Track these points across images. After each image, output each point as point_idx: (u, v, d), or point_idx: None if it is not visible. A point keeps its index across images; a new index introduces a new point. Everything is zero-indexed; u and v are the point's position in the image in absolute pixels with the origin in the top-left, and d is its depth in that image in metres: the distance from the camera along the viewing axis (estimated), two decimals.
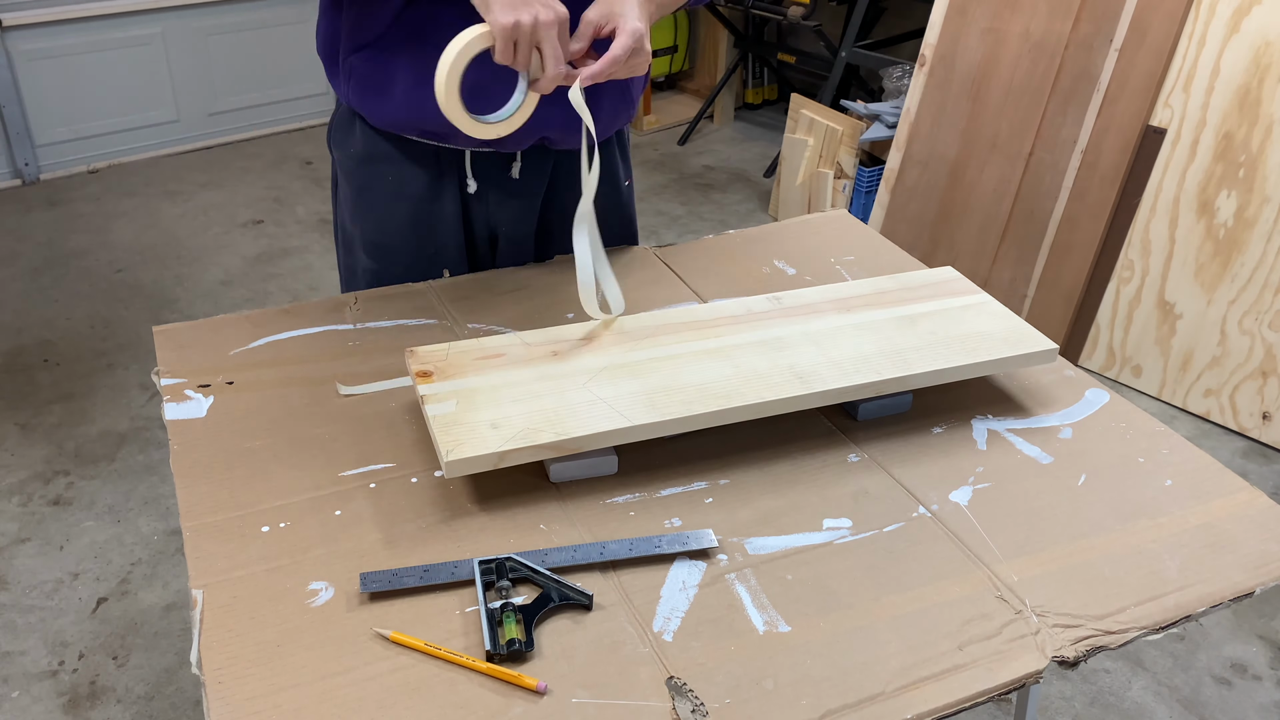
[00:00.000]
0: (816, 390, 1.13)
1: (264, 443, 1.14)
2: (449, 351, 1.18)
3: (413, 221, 1.44)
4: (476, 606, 0.94)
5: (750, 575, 0.99)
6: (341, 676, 0.87)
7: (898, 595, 0.97)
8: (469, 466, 1.03)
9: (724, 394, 1.12)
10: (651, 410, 1.09)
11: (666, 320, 1.25)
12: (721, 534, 1.03)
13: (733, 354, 1.19)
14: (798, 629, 0.93)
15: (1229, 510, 1.08)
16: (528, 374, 1.15)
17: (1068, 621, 0.95)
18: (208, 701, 0.85)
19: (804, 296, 1.31)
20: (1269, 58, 2.49)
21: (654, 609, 0.95)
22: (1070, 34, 2.77)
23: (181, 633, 2.02)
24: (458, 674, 0.88)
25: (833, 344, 1.21)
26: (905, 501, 1.09)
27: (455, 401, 1.10)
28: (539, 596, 0.94)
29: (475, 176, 1.42)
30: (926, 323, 1.26)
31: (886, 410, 1.21)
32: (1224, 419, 2.69)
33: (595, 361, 1.17)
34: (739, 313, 1.27)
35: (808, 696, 0.87)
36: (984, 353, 1.20)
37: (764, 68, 4.63)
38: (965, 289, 1.33)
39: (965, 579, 0.99)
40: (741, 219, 3.76)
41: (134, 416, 2.61)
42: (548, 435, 1.05)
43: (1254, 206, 2.55)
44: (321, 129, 4.29)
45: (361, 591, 0.95)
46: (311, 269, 3.32)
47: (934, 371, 1.18)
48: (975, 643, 0.92)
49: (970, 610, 0.95)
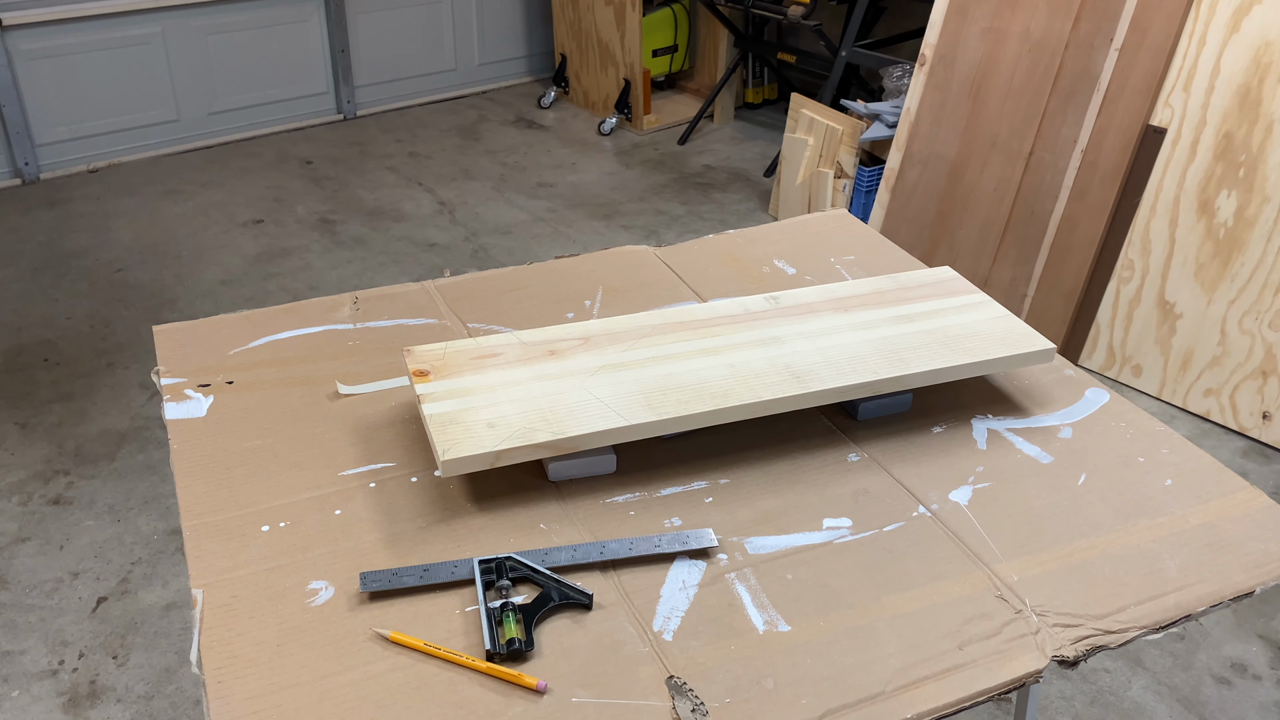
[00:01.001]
0: (813, 390, 1.13)
1: (264, 442, 1.14)
2: (446, 350, 1.18)
3: None
4: (476, 606, 0.94)
5: (750, 575, 0.99)
6: (341, 676, 0.87)
7: (898, 595, 0.97)
8: (465, 466, 1.03)
9: (720, 393, 1.12)
10: (648, 410, 1.09)
11: (664, 320, 1.25)
12: (722, 533, 1.03)
13: (730, 353, 1.19)
14: (798, 628, 0.93)
15: (1229, 510, 1.08)
16: (525, 373, 1.15)
17: (1068, 621, 0.94)
18: (208, 700, 0.85)
19: (802, 296, 1.31)
20: (1269, 57, 2.49)
21: (654, 608, 0.95)
22: (1070, 33, 2.77)
23: (181, 632, 2.02)
24: (458, 673, 0.88)
25: (830, 344, 1.21)
26: (905, 501, 1.09)
27: (452, 401, 1.10)
28: (539, 596, 0.94)
29: None
30: (924, 322, 1.26)
31: (886, 410, 1.21)
32: (1224, 419, 2.69)
33: (593, 361, 1.17)
34: (736, 312, 1.27)
35: (808, 696, 0.87)
36: (981, 353, 1.20)
37: (764, 67, 4.63)
38: (963, 289, 1.33)
39: (965, 579, 0.99)
40: (741, 218, 3.76)
41: (134, 416, 2.61)
42: (544, 435, 1.05)
43: (1254, 206, 2.55)
44: (322, 128, 4.29)
45: (361, 591, 0.95)
46: (311, 268, 3.32)
47: (930, 371, 1.18)
48: (975, 642, 0.92)
49: (970, 610, 0.95)
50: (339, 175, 3.93)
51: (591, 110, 4.62)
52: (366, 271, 3.31)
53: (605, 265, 1.49)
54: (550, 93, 4.66)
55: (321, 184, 3.84)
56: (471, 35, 4.67)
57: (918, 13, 3.67)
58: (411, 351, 1.17)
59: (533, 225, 3.64)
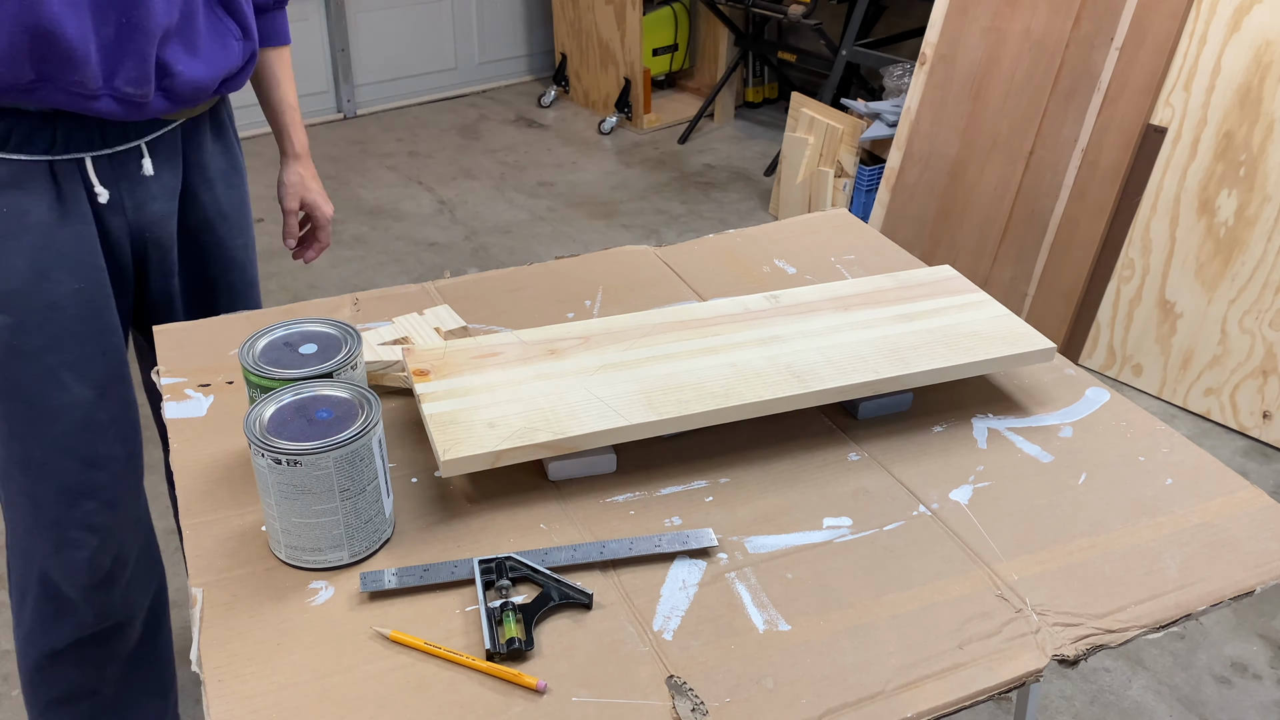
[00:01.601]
0: (813, 389, 1.13)
1: None
2: (446, 350, 1.18)
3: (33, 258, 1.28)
4: (476, 606, 0.94)
5: (750, 574, 0.99)
6: (341, 675, 0.87)
7: (898, 594, 0.97)
8: (465, 466, 1.03)
9: (721, 393, 1.12)
10: (649, 410, 1.09)
11: (664, 319, 1.25)
12: (722, 533, 1.03)
13: (730, 353, 1.19)
14: (798, 628, 0.93)
15: (1230, 509, 1.08)
16: (525, 372, 1.15)
17: (1068, 620, 0.94)
18: (207, 699, 0.85)
19: (801, 295, 1.31)
20: (1270, 56, 2.49)
21: (654, 608, 0.95)
22: (1071, 33, 2.77)
23: (180, 630, 2.02)
24: (458, 673, 0.88)
25: (830, 343, 1.21)
26: (906, 500, 1.09)
27: (452, 400, 1.10)
28: (539, 595, 0.94)
29: (103, 184, 1.32)
30: (924, 321, 1.26)
31: (886, 409, 1.21)
32: (1224, 418, 2.69)
33: (593, 360, 1.17)
34: (736, 311, 1.27)
35: (808, 695, 0.87)
36: (981, 352, 1.20)
37: (764, 66, 4.63)
38: (963, 287, 1.33)
39: (965, 578, 0.99)
40: (742, 217, 3.76)
41: None
42: (544, 435, 1.05)
43: (1254, 205, 2.54)
44: (321, 127, 4.29)
45: (361, 591, 0.94)
46: (310, 267, 3.32)
47: (931, 371, 1.18)
48: (975, 641, 0.92)
49: (970, 609, 0.95)
50: (339, 174, 3.93)
51: (592, 109, 4.62)
52: (366, 270, 3.31)
53: (605, 265, 1.49)
54: (550, 92, 4.66)
55: (321, 182, 3.84)
56: (471, 34, 4.66)
57: (918, 12, 3.67)
58: (411, 351, 1.17)
59: (533, 224, 3.64)
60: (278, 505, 0.93)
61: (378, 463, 0.96)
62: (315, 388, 0.98)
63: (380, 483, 0.97)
